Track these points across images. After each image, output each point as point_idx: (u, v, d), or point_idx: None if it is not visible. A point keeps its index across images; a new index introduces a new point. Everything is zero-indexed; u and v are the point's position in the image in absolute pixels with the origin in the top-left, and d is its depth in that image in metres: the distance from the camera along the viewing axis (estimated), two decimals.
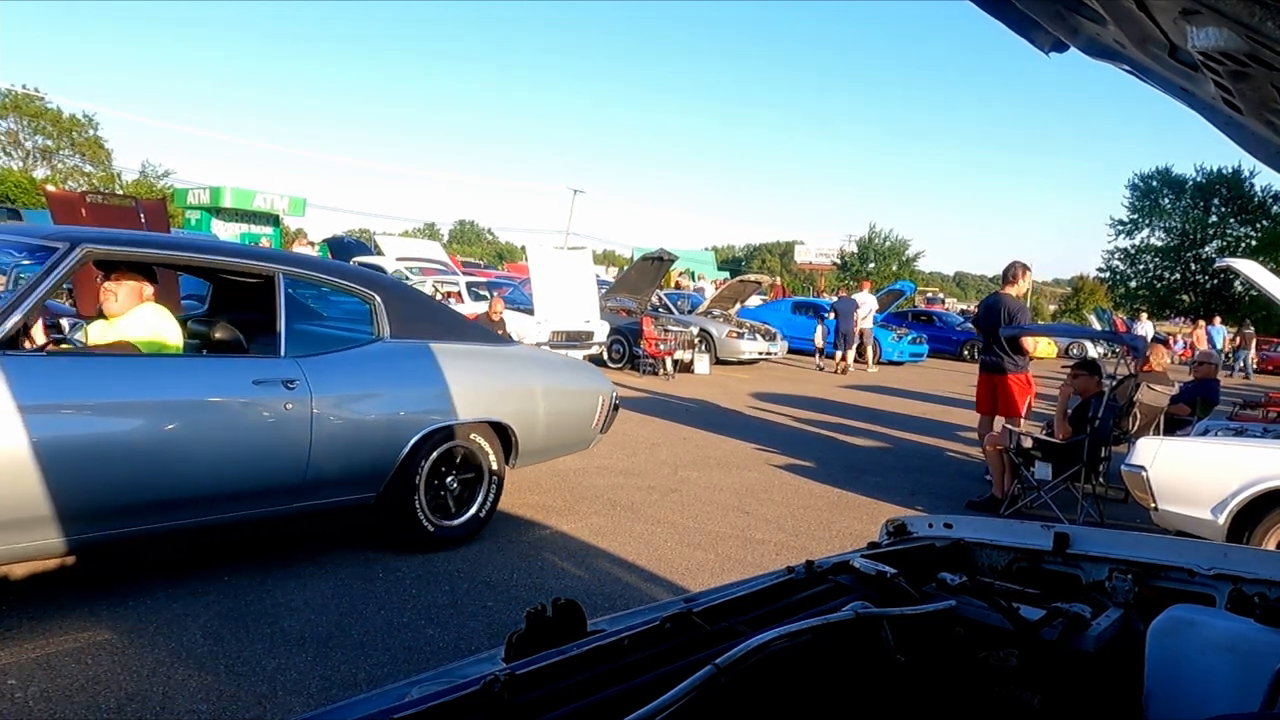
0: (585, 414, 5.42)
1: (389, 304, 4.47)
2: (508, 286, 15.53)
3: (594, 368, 5.93)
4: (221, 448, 3.68)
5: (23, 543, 3.19)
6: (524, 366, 5.23)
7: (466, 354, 4.77)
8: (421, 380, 4.49)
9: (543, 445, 5.20)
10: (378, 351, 4.38)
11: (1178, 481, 4.94)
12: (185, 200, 29.93)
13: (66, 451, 3.22)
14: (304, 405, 3.90)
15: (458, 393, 4.57)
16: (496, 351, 5.08)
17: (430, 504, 4.51)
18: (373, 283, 4.59)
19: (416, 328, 4.58)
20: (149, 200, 10.53)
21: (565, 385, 5.38)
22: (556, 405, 5.24)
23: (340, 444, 4.07)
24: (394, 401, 4.36)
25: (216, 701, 2.94)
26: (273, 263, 4.21)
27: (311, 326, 4.73)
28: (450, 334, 4.78)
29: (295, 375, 3.91)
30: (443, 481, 4.59)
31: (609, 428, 5.62)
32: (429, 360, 4.54)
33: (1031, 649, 1.54)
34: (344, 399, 4.12)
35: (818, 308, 22.45)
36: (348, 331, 4.69)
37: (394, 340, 4.43)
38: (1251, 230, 42.53)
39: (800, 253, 61.25)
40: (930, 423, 11.18)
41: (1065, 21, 1.12)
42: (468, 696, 1.03)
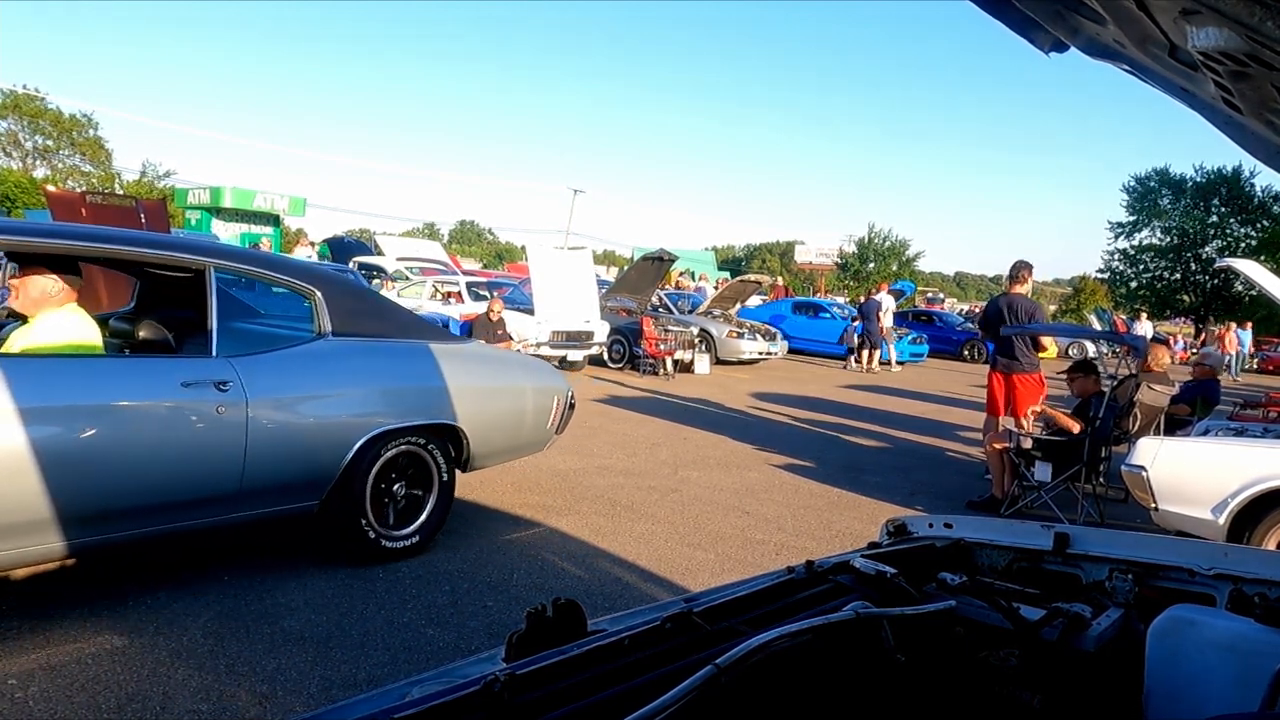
0: (540, 414, 5.18)
1: (331, 299, 4.19)
2: (508, 286, 15.53)
3: (549, 365, 5.74)
4: (146, 456, 3.39)
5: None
6: (476, 365, 4.95)
7: (415, 352, 4.55)
8: (366, 381, 4.23)
9: (496, 448, 4.99)
10: (319, 350, 4.12)
11: (1178, 481, 4.94)
12: (185, 200, 29.93)
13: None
14: (238, 408, 3.64)
15: (405, 394, 4.36)
16: (447, 349, 4.76)
17: (376, 512, 4.28)
18: (313, 276, 4.30)
19: (361, 324, 4.33)
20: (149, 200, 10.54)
21: (519, 384, 5.12)
22: (510, 405, 5.02)
23: (279, 450, 3.81)
24: (337, 404, 4.09)
25: (216, 701, 2.94)
26: (202, 255, 3.89)
27: (246, 324, 4.48)
28: (397, 331, 4.55)
29: (228, 376, 3.65)
30: (390, 488, 4.34)
31: (565, 428, 5.42)
32: (374, 359, 4.32)
33: (1031, 649, 1.54)
34: (282, 401, 3.87)
35: (818, 308, 22.50)
36: (286, 329, 4.46)
37: (337, 338, 4.17)
38: (1251, 230, 42.51)
39: (800, 253, 61.25)
40: (930, 423, 11.18)
41: (1065, 21, 1.12)
42: (468, 696, 1.03)
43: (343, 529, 4.18)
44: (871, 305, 18.09)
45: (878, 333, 18.01)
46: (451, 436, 4.60)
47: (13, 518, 3.08)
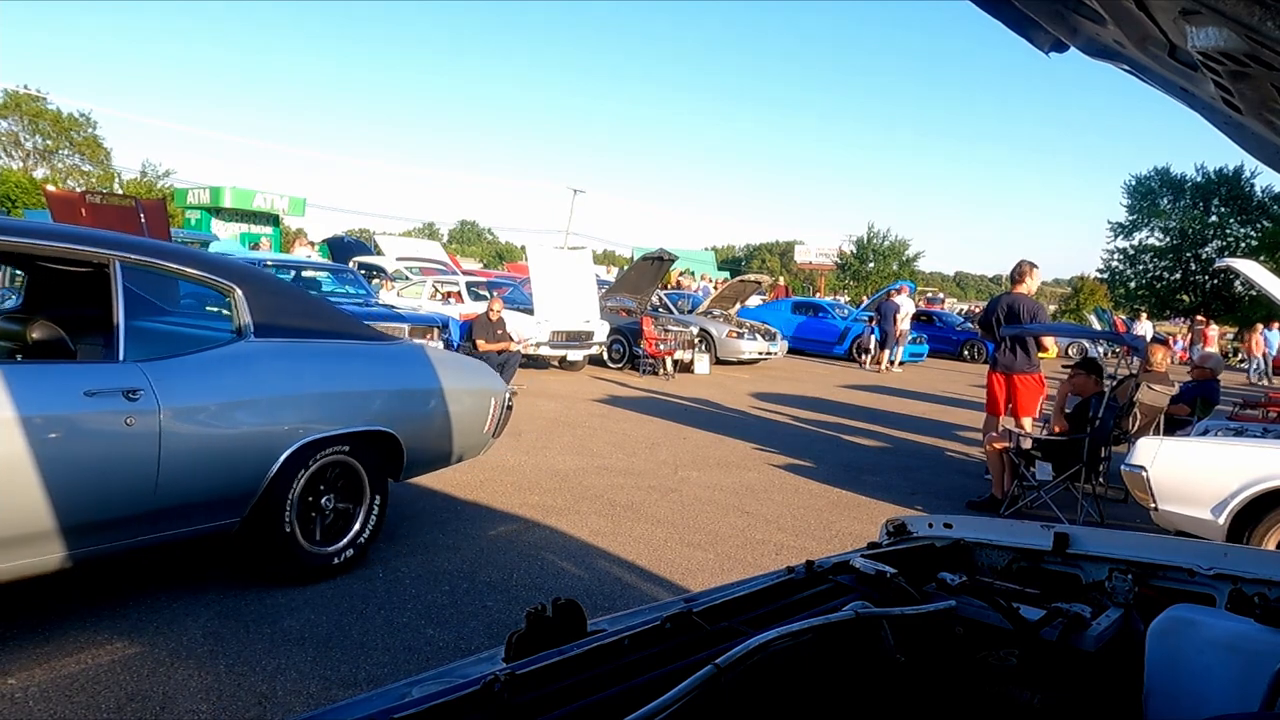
0: (477, 418, 4.89)
1: (253, 296, 3.84)
2: (508, 286, 15.52)
3: (484, 365, 5.48)
4: (42, 475, 3.01)
5: None
6: (410, 366, 4.67)
7: (345, 353, 4.25)
8: (293, 385, 3.89)
9: (432, 454, 4.71)
10: (240, 352, 3.77)
11: (1178, 481, 4.94)
12: (185, 200, 29.92)
13: None
14: (150, 419, 3.28)
15: (336, 398, 4.05)
16: (379, 350, 4.51)
17: (304, 528, 3.96)
18: (232, 272, 3.93)
19: (286, 323, 3.99)
20: (149, 200, 10.56)
21: (454, 386, 4.78)
22: (446, 409, 4.69)
23: (196, 464, 3.47)
24: (261, 411, 3.75)
25: (216, 701, 2.94)
26: (105, 247, 3.49)
27: (158, 324, 4.15)
28: (326, 330, 4.24)
29: (138, 383, 3.28)
30: (318, 501, 4.03)
31: (502, 431, 5.15)
32: (302, 361, 4.01)
33: (1031, 649, 1.54)
34: (200, 410, 3.52)
35: (818, 307, 22.51)
36: (203, 329, 4.13)
37: (260, 339, 3.82)
38: (1251, 230, 42.50)
39: (800, 253, 61.22)
40: (930, 423, 11.18)
41: (1065, 21, 1.12)
42: (468, 696, 1.04)
43: (267, 547, 3.85)
44: (890, 307, 18.48)
45: (894, 334, 18.39)
46: (385, 444, 4.28)
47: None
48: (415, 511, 5.31)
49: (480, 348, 10.60)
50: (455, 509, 5.47)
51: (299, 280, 12.41)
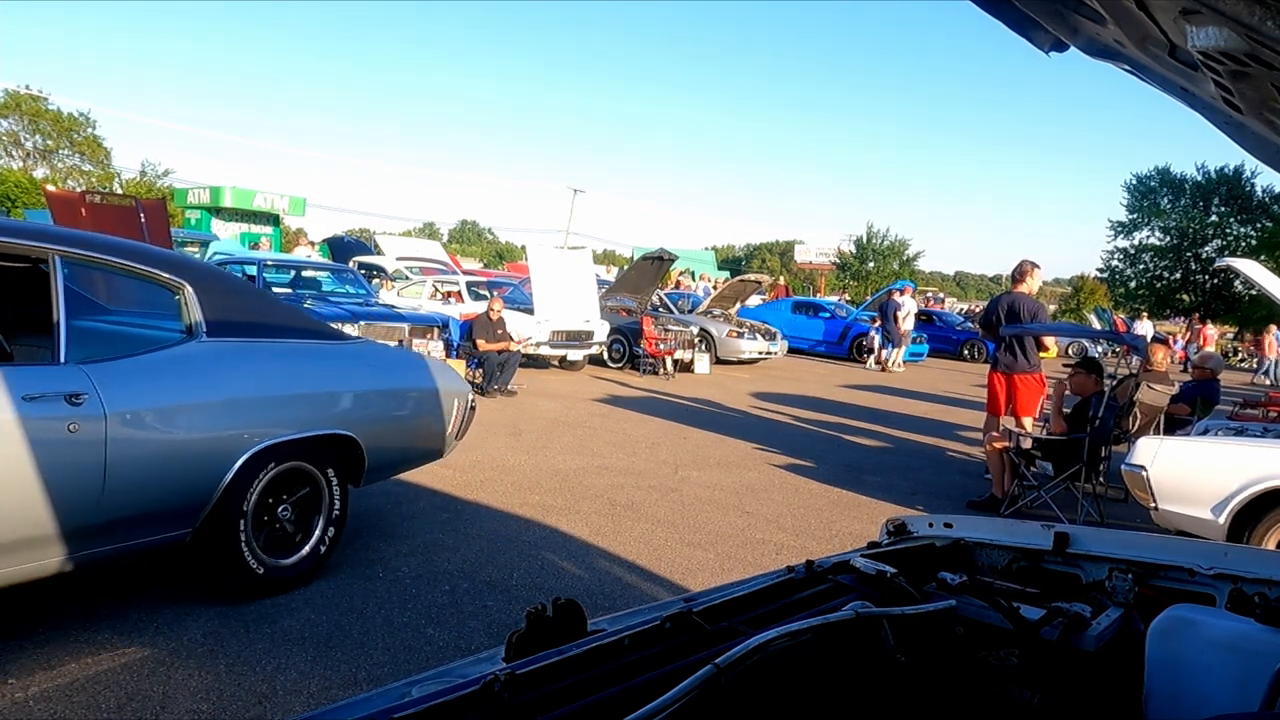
0: (440, 419, 4.68)
1: (203, 294, 3.64)
2: (508, 286, 15.52)
3: (447, 366, 5.19)
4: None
5: None
6: (369, 366, 4.46)
7: (302, 353, 4.08)
8: (248, 387, 3.69)
9: (394, 458, 4.54)
10: (191, 353, 3.57)
11: (1178, 481, 4.94)
12: (185, 200, 29.90)
13: None
14: (95, 425, 3.07)
15: (293, 401, 3.87)
16: (337, 349, 4.33)
17: (259, 538, 3.76)
18: (181, 267, 3.72)
19: (240, 322, 3.81)
20: (149, 200, 10.57)
21: (417, 387, 4.63)
22: (408, 411, 4.56)
23: (145, 473, 3.27)
24: (214, 415, 3.54)
25: (216, 701, 2.94)
26: (42, 241, 3.30)
27: (102, 324, 3.95)
28: (282, 329, 4.06)
29: (82, 387, 3.07)
30: (274, 510, 3.83)
31: (465, 433, 4.94)
32: (256, 362, 3.82)
33: (1031, 649, 1.54)
34: (149, 415, 3.31)
35: (818, 307, 22.52)
36: (151, 329, 3.91)
37: (212, 339, 3.62)
38: (1251, 230, 42.49)
39: (800, 252, 61.14)
40: (930, 422, 11.18)
41: (1065, 21, 1.12)
42: (468, 696, 1.04)
43: (220, 560, 3.64)
44: (891, 306, 18.58)
45: (897, 334, 18.49)
46: (345, 448, 4.09)
47: None
48: (415, 511, 5.31)
49: (480, 348, 10.61)
50: (455, 509, 5.47)
51: (299, 280, 12.42)
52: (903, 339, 18.81)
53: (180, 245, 15.45)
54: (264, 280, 11.31)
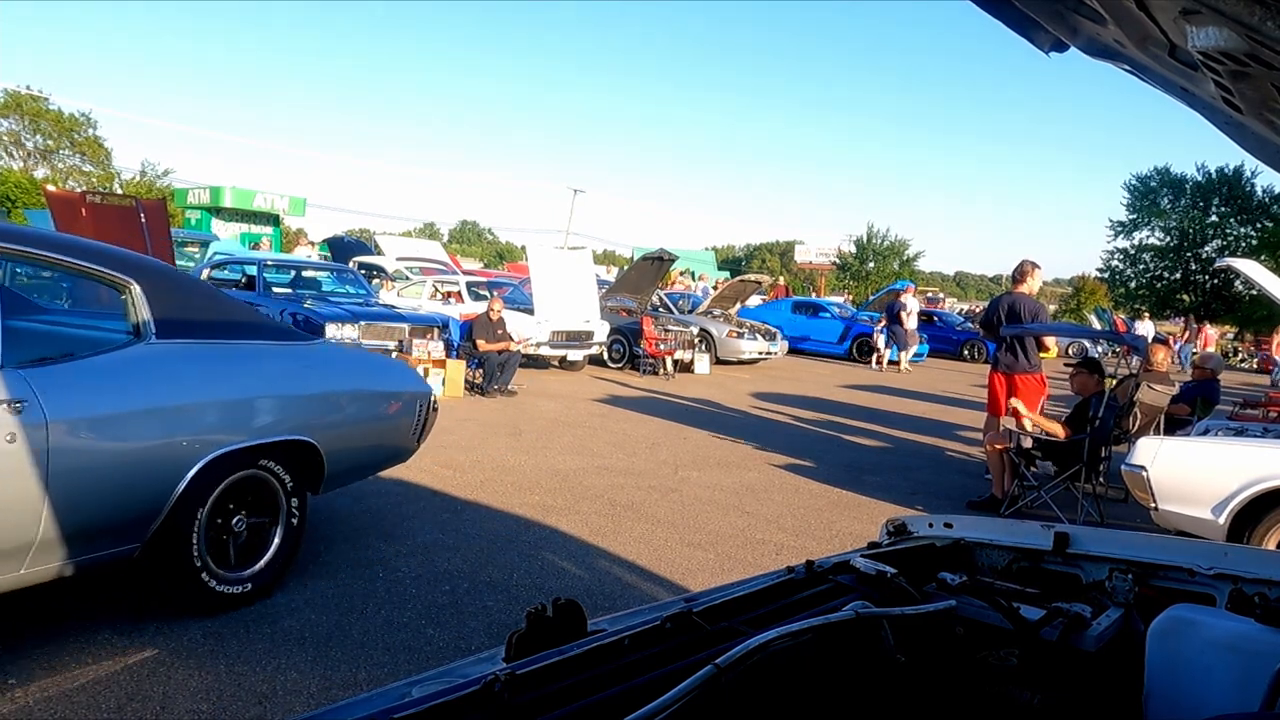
0: (402, 423, 4.52)
1: (153, 292, 3.42)
2: (508, 286, 15.52)
3: (407, 367, 4.89)
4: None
5: None
6: (328, 368, 4.29)
7: (258, 355, 3.87)
8: (201, 392, 3.48)
9: (354, 465, 4.35)
10: (140, 356, 3.35)
11: (1178, 481, 4.94)
12: (185, 200, 29.91)
13: None
14: (37, 434, 2.88)
15: (249, 406, 3.67)
16: (294, 350, 4.12)
17: (213, 552, 3.56)
18: (128, 264, 3.49)
19: (191, 323, 3.60)
20: (149, 200, 10.58)
21: (378, 389, 4.48)
22: (369, 414, 4.39)
23: (91, 485, 3.07)
24: (165, 422, 3.31)
25: (216, 701, 2.94)
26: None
27: (44, 324, 3.77)
28: (236, 329, 3.85)
29: (21, 393, 2.87)
30: (228, 521, 3.64)
31: (427, 436, 4.76)
32: (210, 365, 3.60)
33: (1031, 649, 1.54)
34: (95, 422, 3.10)
35: (818, 307, 22.52)
36: (96, 331, 3.73)
37: (162, 340, 3.41)
38: (1251, 230, 42.49)
39: (800, 252, 61.17)
40: (930, 422, 11.18)
41: (1065, 21, 1.12)
42: (468, 696, 1.04)
43: (171, 574, 3.46)
44: (896, 307, 18.69)
45: (902, 334, 18.57)
46: (304, 454, 3.91)
47: None
48: (415, 511, 5.32)
49: (480, 348, 10.61)
50: (455, 509, 5.47)
51: (299, 280, 12.41)
52: (909, 339, 18.92)
53: (180, 245, 15.47)
54: (264, 280, 11.32)
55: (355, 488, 5.72)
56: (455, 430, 8.06)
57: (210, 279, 11.89)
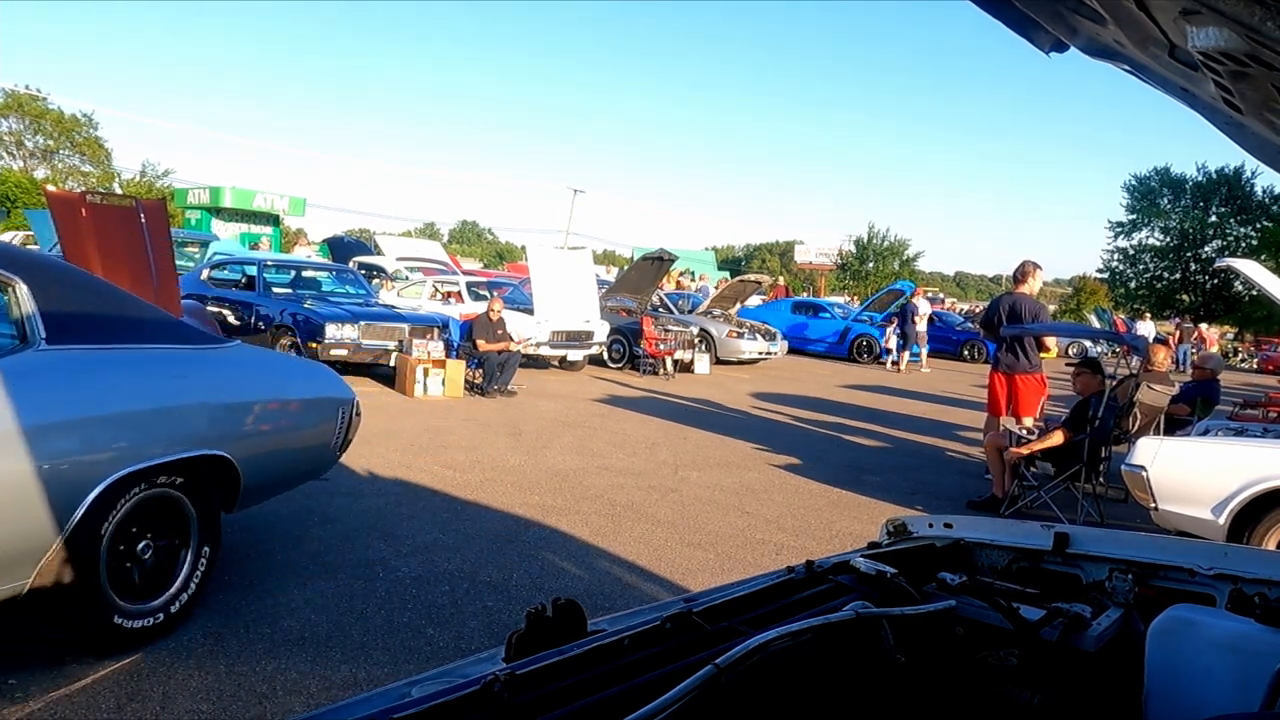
0: (323, 432, 4.17)
1: (41, 292, 3.04)
2: (508, 286, 15.52)
3: (328, 370, 4.51)
4: None
5: None
6: (243, 374, 3.91)
7: (164, 361, 3.49)
8: (100, 404, 3.07)
9: (272, 479, 3.99)
10: (27, 365, 2.93)
11: (1178, 481, 4.94)
12: (185, 200, 29.90)
13: None
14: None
15: (156, 419, 3.27)
16: (206, 355, 3.73)
17: (115, 582, 3.16)
18: (12, 261, 3.12)
19: (87, 325, 3.22)
20: (149, 200, 10.57)
21: (297, 396, 4.11)
22: (288, 424, 4.04)
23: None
24: (60, 440, 2.93)
25: (216, 701, 2.94)
26: None
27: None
28: (139, 332, 3.47)
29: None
30: (132, 548, 3.24)
31: (348, 445, 4.40)
32: (110, 373, 3.20)
33: (1031, 649, 1.54)
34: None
35: (818, 307, 22.53)
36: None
37: (53, 347, 3.01)
38: (1251, 230, 42.50)
39: (800, 253, 61.10)
40: (930, 423, 11.18)
41: (1065, 21, 1.12)
42: (468, 696, 1.04)
43: (71, 609, 3.05)
44: (909, 308, 18.91)
45: (914, 335, 18.74)
46: (217, 470, 3.54)
47: None
48: (415, 511, 5.32)
49: (480, 348, 10.61)
50: (455, 509, 5.47)
51: (299, 280, 12.41)
52: (920, 340, 19.06)
53: (180, 245, 15.45)
54: (264, 280, 11.32)
55: (355, 487, 5.74)
56: (455, 430, 8.06)
57: (210, 279, 11.92)
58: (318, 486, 5.62)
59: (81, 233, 8.49)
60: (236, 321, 10.83)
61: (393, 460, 6.59)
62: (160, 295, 8.82)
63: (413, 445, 7.23)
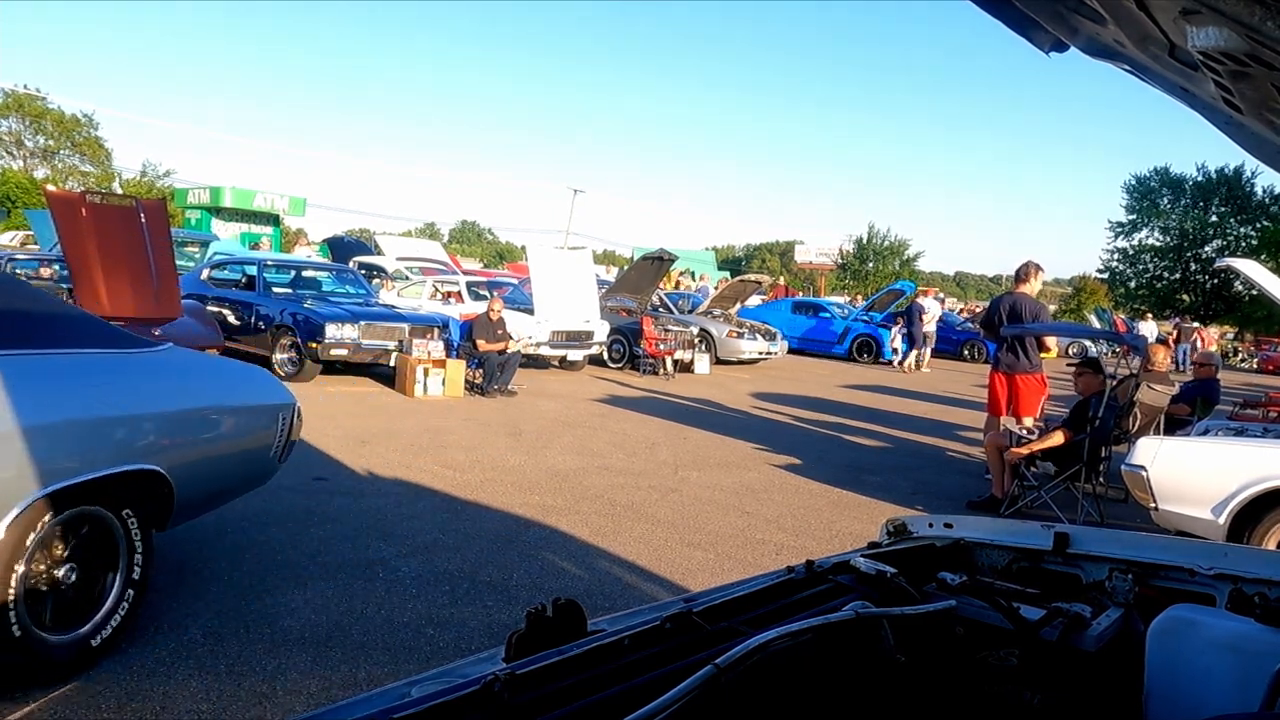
0: (261, 441, 3.87)
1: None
2: (508, 286, 15.52)
3: (266, 373, 4.28)
4: None
5: None
6: (176, 380, 3.61)
7: (88, 367, 3.19)
8: (16, 416, 2.74)
9: (208, 493, 3.68)
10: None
11: (1178, 481, 4.94)
12: (185, 200, 29.92)
13: None
14: None
15: (83, 430, 2.99)
16: (133, 360, 3.43)
17: (35, 612, 2.88)
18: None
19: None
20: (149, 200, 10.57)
21: (233, 402, 3.82)
22: (225, 433, 3.74)
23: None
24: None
25: (216, 701, 2.94)
26: None
27: None
28: (59, 335, 3.20)
29: None
30: (52, 572, 2.95)
31: (289, 454, 4.11)
32: (26, 382, 2.87)
33: (1031, 649, 1.54)
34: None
35: (818, 307, 22.53)
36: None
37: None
38: (1251, 230, 42.51)
39: (800, 253, 61.04)
40: (930, 422, 11.17)
41: (1065, 21, 1.12)
42: (468, 696, 1.04)
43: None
44: (915, 309, 19.05)
45: (921, 334, 18.83)
46: (148, 485, 3.23)
47: None
48: (415, 511, 5.32)
49: (480, 348, 10.61)
50: (455, 509, 5.47)
51: (300, 280, 12.40)
52: (927, 340, 19.14)
53: (180, 245, 15.46)
54: (264, 280, 11.32)
55: (355, 487, 5.74)
56: (455, 430, 8.06)
57: (210, 279, 11.91)
58: (318, 486, 5.64)
59: (81, 233, 8.48)
60: (236, 321, 10.84)
61: (393, 460, 6.59)
62: (160, 295, 8.83)
63: (413, 445, 7.23)
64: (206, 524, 4.64)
